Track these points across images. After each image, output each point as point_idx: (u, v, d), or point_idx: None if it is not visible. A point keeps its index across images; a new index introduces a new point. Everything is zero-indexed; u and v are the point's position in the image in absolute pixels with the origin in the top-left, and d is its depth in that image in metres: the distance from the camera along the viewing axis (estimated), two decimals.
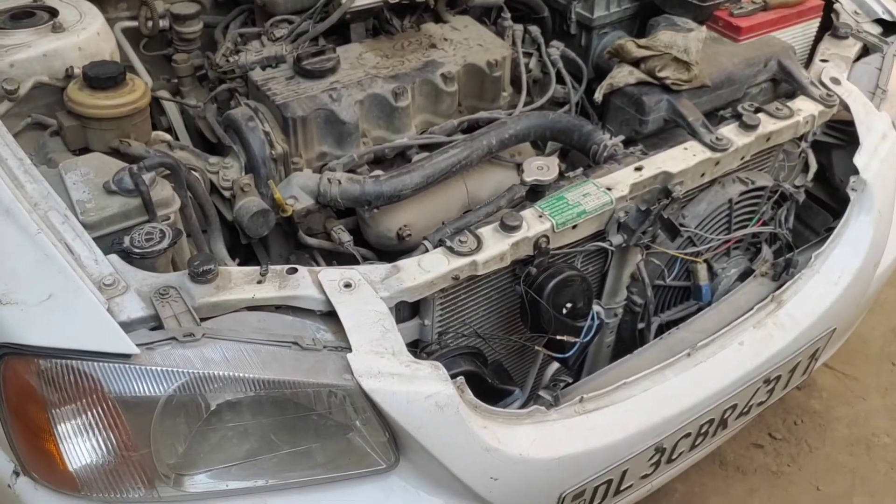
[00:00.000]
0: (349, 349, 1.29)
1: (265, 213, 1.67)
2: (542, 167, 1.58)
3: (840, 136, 2.03)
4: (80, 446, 1.25)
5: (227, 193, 1.73)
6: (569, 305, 1.52)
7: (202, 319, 1.30)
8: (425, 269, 1.40)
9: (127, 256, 1.36)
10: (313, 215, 1.75)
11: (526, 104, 2.00)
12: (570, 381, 1.58)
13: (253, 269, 1.38)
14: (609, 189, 1.59)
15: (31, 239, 1.27)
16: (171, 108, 1.93)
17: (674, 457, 1.71)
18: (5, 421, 1.29)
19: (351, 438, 1.37)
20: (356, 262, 1.72)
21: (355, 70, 1.87)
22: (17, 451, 1.31)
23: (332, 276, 1.37)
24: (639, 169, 1.64)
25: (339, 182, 1.67)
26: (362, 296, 1.35)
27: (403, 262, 1.42)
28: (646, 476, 1.69)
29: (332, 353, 1.30)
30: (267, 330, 1.31)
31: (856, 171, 1.85)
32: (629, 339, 1.92)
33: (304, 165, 1.79)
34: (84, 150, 1.58)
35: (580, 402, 1.51)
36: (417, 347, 1.53)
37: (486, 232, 1.48)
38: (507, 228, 1.47)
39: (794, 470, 2.46)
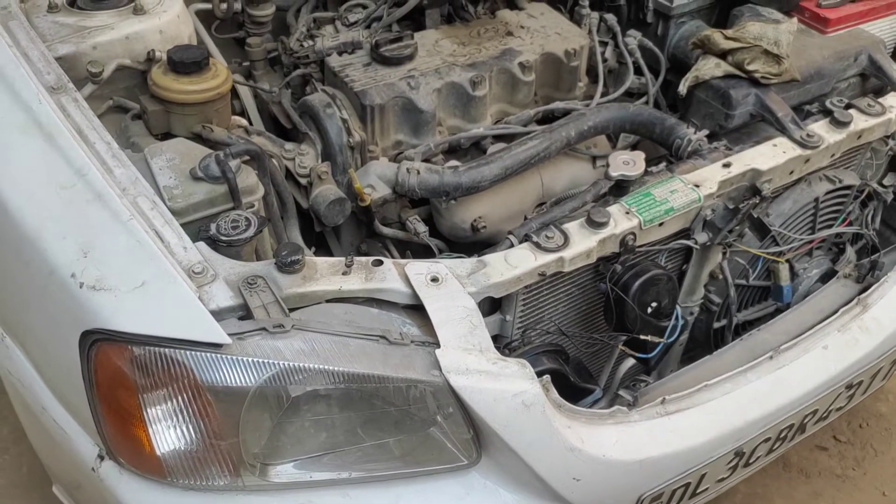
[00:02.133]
0: (437, 344, 1.28)
1: (342, 201, 1.66)
2: (627, 162, 1.54)
3: None
4: (168, 432, 1.25)
5: (303, 181, 1.72)
6: (654, 305, 1.48)
7: (289, 310, 1.29)
8: (512, 265, 1.38)
9: (213, 244, 1.35)
10: (389, 204, 1.73)
11: (602, 95, 1.96)
12: (650, 380, 1.55)
13: (338, 260, 1.37)
14: (697, 186, 1.55)
15: (124, 225, 1.26)
16: (245, 93, 1.92)
17: (751, 461, 1.67)
18: (94, 405, 1.30)
19: (432, 433, 1.35)
20: (430, 254, 1.70)
21: (432, 57, 1.84)
22: (104, 435, 1.32)
23: (418, 269, 1.35)
24: (727, 165, 1.60)
25: (418, 172, 1.65)
26: (450, 290, 1.33)
27: (490, 257, 1.40)
28: (722, 479, 1.66)
29: (419, 347, 1.28)
30: (354, 322, 1.30)
31: None
32: (703, 338, 1.88)
33: (379, 154, 1.78)
34: (166, 135, 1.58)
35: (662, 403, 1.47)
36: (499, 343, 1.51)
37: (572, 227, 1.45)
38: (595, 224, 1.44)
39: (860, 474, 2.40)
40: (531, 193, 1.84)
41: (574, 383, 1.45)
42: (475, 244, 1.86)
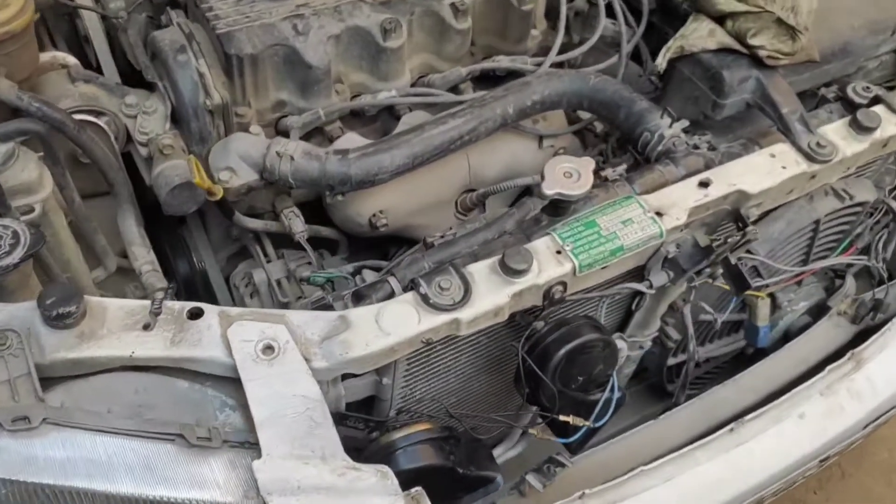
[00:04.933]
0: (259, 451, 0.90)
1: (192, 185, 1.23)
2: (570, 174, 1.12)
3: None
4: None
5: (143, 151, 1.28)
6: (580, 378, 1.10)
7: (53, 380, 0.91)
8: (384, 331, 0.98)
9: None
10: (258, 192, 1.31)
11: (563, 48, 1.50)
12: (568, 461, 1.19)
13: (139, 305, 0.97)
14: (659, 215, 1.13)
15: None
16: (90, 16, 1.44)
17: None
18: None
19: None
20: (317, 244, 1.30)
21: None
22: None
23: (247, 333, 0.95)
24: (704, 184, 1.18)
25: (292, 157, 1.23)
26: (287, 369, 0.94)
27: (355, 314, 1.00)
28: None
29: (234, 451, 0.91)
30: (145, 407, 0.92)
31: None
32: (655, 371, 1.53)
33: (252, 118, 1.33)
34: None
35: (581, 498, 1.12)
36: (371, 413, 1.13)
37: (478, 273, 1.04)
38: (510, 272, 1.03)
39: (821, 499, 2.12)
40: (453, 179, 1.42)
41: (466, 475, 1.08)
42: (376, 240, 1.46)
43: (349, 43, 1.35)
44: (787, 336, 1.50)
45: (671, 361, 1.47)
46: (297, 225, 1.31)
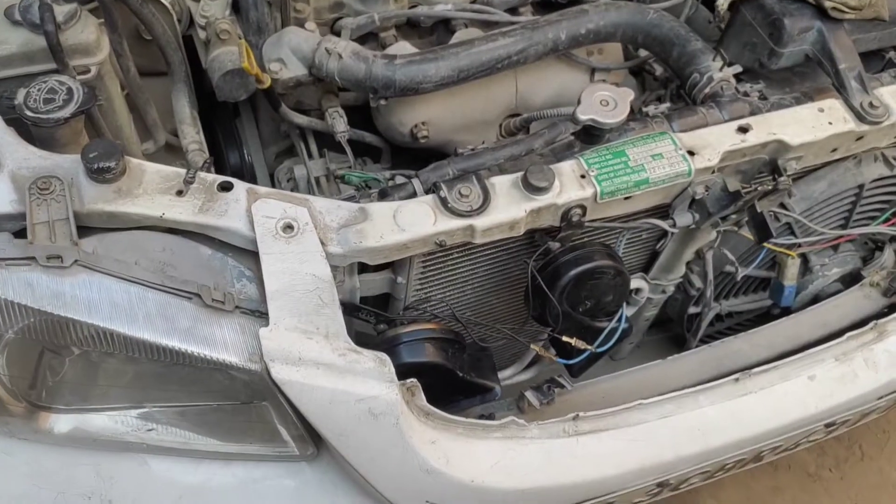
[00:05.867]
0: (267, 321, 0.95)
1: (242, 73, 1.27)
2: (606, 102, 1.12)
3: None
4: None
5: (202, 34, 1.33)
6: (588, 303, 1.12)
7: (88, 231, 0.97)
8: (400, 226, 1.02)
9: (16, 119, 1.01)
10: (306, 87, 1.35)
11: None
12: (568, 384, 1.22)
13: (175, 173, 1.03)
14: (691, 154, 1.13)
15: None
16: None
17: (680, 488, 1.37)
18: None
19: (262, 409, 1.06)
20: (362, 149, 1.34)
21: None
22: None
23: (270, 210, 1.00)
24: (743, 130, 1.16)
25: (340, 56, 1.25)
26: (303, 248, 0.98)
27: (375, 208, 1.03)
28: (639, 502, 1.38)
29: (244, 318, 0.97)
30: (169, 265, 0.98)
31: None
32: (677, 319, 1.53)
33: (310, 16, 1.37)
34: None
35: (574, 419, 1.16)
36: (385, 310, 1.18)
37: (500, 185, 1.07)
38: (531, 188, 1.05)
39: (835, 477, 2.10)
40: (500, 101, 1.43)
41: (465, 379, 1.13)
42: (420, 151, 1.49)
43: None
44: (816, 301, 1.48)
45: (692, 310, 1.47)
46: (339, 125, 1.34)
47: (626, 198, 1.11)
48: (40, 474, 1.05)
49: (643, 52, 1.50)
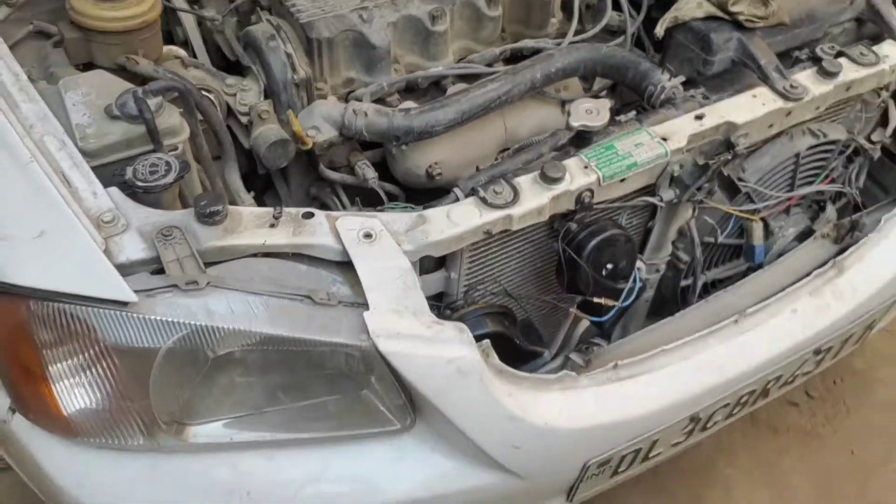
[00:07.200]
0: (366, 306, 1.18)
1: (284, 143, 1.54)
2: (591, 111, 1.41)
3: None
4: (74, 391, 1.17)
5: (244, 119, 1.59)
6: (609, 266, 1.38)
7: (207, 264, 1.19)
8: (454, 222, 1.27)
9: (129, 190, 1.24)
10: (337, 148, 1.61)
11: (577, 33, 1.81)
12: (604, 343, 1.46)
13: (265, 211, 1.26)
14: (664, 139, 1.42)
15: (23, 168, 1.15)
16: (188, 20, 1.77)
17: (709, 425, 1.60)
18: (1, 358, 1.21)
19: (365, 396, 1.27)
20: (381, 201, 1.59)
21: None
22: (12, 389, 1.24)
23: (350, 224, 1.24)
24: (699, 118, 1.47)
25: (366, 114, 1.53)
26: (383, 248, 1.22)
27: (431, 212, 1.29)
28: (677, 443, 1.59)
29: (347, 308, 1.19)
30: (278, 280, 1.20)
31: None
32: (670, 297, 1.79)
33: (329, 92, 1.65)
34: (89, 66, 1.45)
35: (614, 368, 1.39)
36: (442, 301, 1.41)
37: (524, 182, 1.34)
38: (548, 180, 1.33)
39: (829, 432, 2.34)
40: (493, 139, 1.71)
41: (520, 346, 1.36)
42: (432, 191, 1.75)
43: (404, 29, 1.67)
44: None
45: (684, 283, 1.74)
46: (369, 172, 1.60)
47: (622, 180, 1.39)
48: (185, 481, 1.23)
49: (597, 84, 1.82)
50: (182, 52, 1.65)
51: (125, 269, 1.13)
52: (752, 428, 2.35)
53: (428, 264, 1.38)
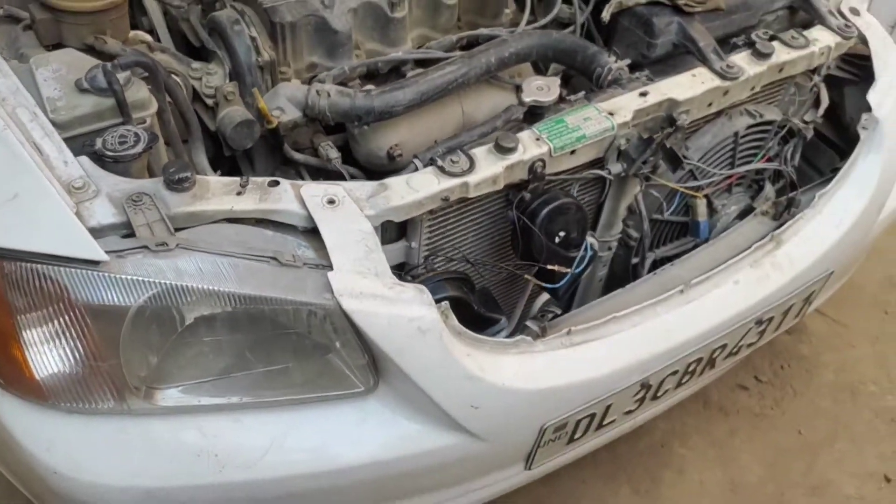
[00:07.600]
0: (330, 267, 1.24)
1: (249, 123, 1.59)
2: (542, 87, 1.50)
3: (854, 71, 1.94)
4: (46, 354, 1.20)
5: (209, 101, 1.64)
6: (562, 234, 1.46)
7: (177, 230, 1.24)
8: (414, 189, 1.34)
9: (99, 160, 1.28)
10: (300, 129, 1.66)
11: (529, 23, 1.90)
12: (559, 312, 1.53)
13: (232, 180, 1.31)
14: (611, 114, 1.51)
15: None
16: (154, 8, 1.81)
17: (659, 394, 1.68)
18: None
19: (330, 359, 1.32)
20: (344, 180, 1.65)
21: None
22: None
23: (314, 191, 1.30)
24: (643, 94, 1.56)
25: (329, 94, 1.59)
26: (346, 213, 1.28)
27: (391, 181, 1.35)
28: (630, 412, 1.67)
29: (312, 270, 1.24)
30: (245, 243, 1.25)
31: (868, 109, 1.78)
32: (622, 274, 1.87)
33: (292, 76, 1.70)
34: (58, 46, 1.49)
35: (567, 334, 1.46)
36: (403, 270, 1.48)
37: (479, 153, 1.41)
38: (502, 150, 1.40)
39: (778, 413, 2.45)
40: (451, 122, 1.78)
41: (479, 313, 1.42)
42: (393, 172, 1.81)
43: (364, 15, 1.74)
44: None
45: (634, 260, 1.82)
46: (332, 153, 1.65)
47: (573, 152, 1.47)
48: (154, 444, 1.26)
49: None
50: (148, 37, 1.69)
51: (96, 233, 1.17)
52: (705, 411, 2.44)
53: (390, 234, 1.44)
